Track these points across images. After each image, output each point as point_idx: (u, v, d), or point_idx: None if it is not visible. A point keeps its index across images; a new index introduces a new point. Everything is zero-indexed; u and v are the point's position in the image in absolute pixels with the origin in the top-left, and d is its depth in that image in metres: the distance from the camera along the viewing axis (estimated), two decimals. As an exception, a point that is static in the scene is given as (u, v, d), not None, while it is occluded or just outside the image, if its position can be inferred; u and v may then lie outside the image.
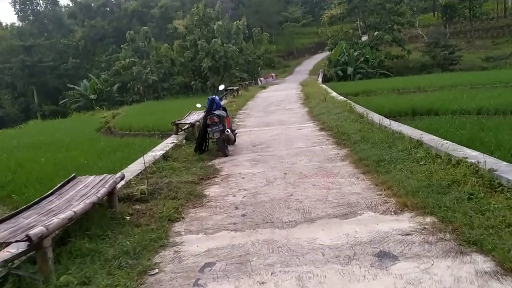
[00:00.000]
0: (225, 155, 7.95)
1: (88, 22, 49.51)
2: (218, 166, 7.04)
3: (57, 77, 50.32)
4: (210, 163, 7.26)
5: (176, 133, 10.31)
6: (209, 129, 8.14)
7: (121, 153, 9.37)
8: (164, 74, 38.52)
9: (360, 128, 8.89)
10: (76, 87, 40.82)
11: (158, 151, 7.84)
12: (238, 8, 63.01)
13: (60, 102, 43.26)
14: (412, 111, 13.01)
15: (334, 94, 17.78)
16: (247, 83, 29.47)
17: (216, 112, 8.29)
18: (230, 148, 8.45)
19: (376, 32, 42.95)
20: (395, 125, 8.34)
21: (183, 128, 10.42)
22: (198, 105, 9.71)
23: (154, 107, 25.93)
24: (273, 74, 45.78)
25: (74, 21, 54.43)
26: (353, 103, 12.92)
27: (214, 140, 8.16)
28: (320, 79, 35.54)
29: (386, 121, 9.02)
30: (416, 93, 18.03)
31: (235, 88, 20.82)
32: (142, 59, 40.63)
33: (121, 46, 40.57)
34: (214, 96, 8.99)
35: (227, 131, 8.13)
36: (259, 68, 43.58)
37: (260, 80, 39.72)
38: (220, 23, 36.73)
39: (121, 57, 40.32)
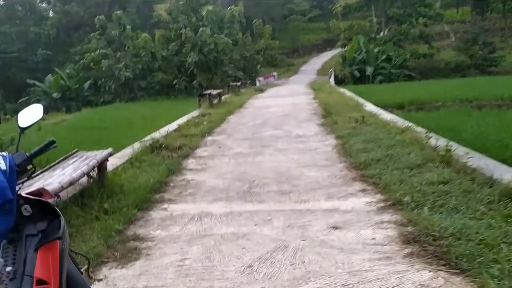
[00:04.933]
0: None
1: (60, 7, 42.49)
2: None
3: (26, 71, 43.37)
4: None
5: None
6: None
7: None
8: (142, 70, 31.57)
9: None
10: (37, 83, 33.93)
11: None
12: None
13: (19, 101, 36.32)
14: None
15: (370, 106, 10.86)
16: (238, 84, 22.39)
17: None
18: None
19: (399, 26, 35.88)
20: None
21: None
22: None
23: (111, 114, 19.02)
24: (274, 73, 38.82)
25: (47, 6, 47.32)
26: (434, 138, 5.97)
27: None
28: (332, 81, 28.59)
29: None
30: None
31: (214, 92, 13.74)
32: (117, 51, 33.67)
33: (92, 34, 33.54)
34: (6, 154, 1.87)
35: None
36: (258, 65, 36.58)
37: (259, 80, 32.76)
38: (210, 8, 29.74)
39: (92, 48, 33.35)
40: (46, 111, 22.87)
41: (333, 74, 30.84)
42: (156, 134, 7.68)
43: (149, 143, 7.19)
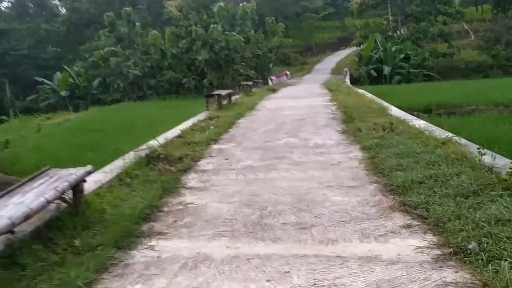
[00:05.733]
0: None
1: (71, 4, 41.92)
2: None
3: (36, 68, 42.93)
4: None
5: None
6: None
7: None
8: (151, 68, 30.69)
9: None
10: (45, 80, 33.33)
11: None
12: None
13: (28, 98, 35.82)
14: None
15: (396, 111, 9.77)
16: (250, 83, 21.30)
17: None
18: None
19: (418, 24, 34.45)
20: None
21: None
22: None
23: (116, 114, 18.18)
24: (287, 72, 37.68)
25: (59, 3, 46.84)
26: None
27: None
28: (348, 81, 27.41)
29: None
30: None
31: (223, 93, 12.70)
32: (127, 49, 32.88)
33: (100, 31, 32.79)
34: None
35: None
36: (271, 64, 35.49)
37: (271, 79, 31.66)
38: (221, 4, 28.73)
39: (100, 46, 32.61)
40: (53, 109, 22.19)
41: (348, 73, 29.60)
42: (155, 142, 6.71)
43: (145, 153, 6.24)
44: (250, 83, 21.89)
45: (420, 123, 7.62)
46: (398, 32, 36.79)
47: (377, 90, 18.47)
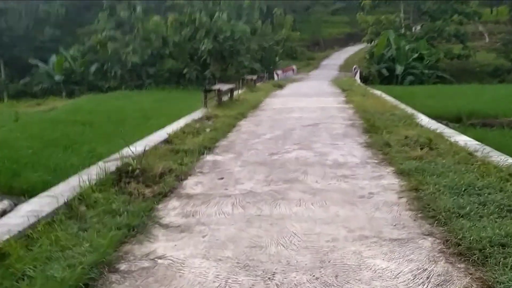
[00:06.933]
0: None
1: (70, -15, 40.32)
2: None
3: (33, 50, 41.28)
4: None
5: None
6: None
7: None
8: (151, 55, 29.15)
9: None
10: (39, 63, 31.81)
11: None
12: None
13: (21, 81, 34.32)
14: None
15: (424, 119, 8.31)
16: (254, 78, 19.70)
17: None
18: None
19: (433, 23, 32.80)
20: None
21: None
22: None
23: (107, 104, 16.73)
24: (294, 67, 36.10)
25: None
26: None
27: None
28: (358, 79, 25.90)
29: None
30: None
31: (224, 88, 11.09)
32: (127, 35, 31.33)
33: (100, 14, 31.17)
34: None
35: None
36: (277, 57, 33.91)
37: (277, 74, 30.11)
38: (228, -9, 27.17)
39: (99, 30, 31.03)
40: (47, 94, 20.49)
41: (358, 71, 28.06)
42: (130, 151, 5.27)
43: (116, 166, 4.81)
44: (254, 77, 20.31)
45: (463, 139, 6.16)
46: (412, 30, 35.08)
47: (391, 91, 16.94)
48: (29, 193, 5.84)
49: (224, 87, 11.63)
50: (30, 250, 3.00)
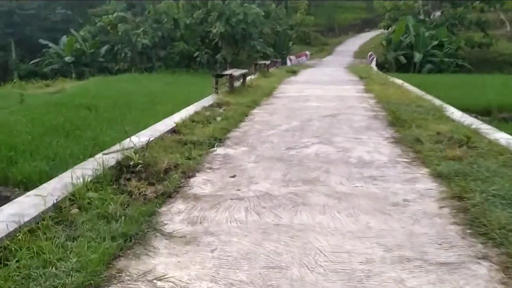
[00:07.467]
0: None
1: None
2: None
3: (44, 31, 40.85)
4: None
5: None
6: None
7: None
8: (162, 38, 28.50)
9: None
10: (50, 44, 31.35)
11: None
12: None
13: (31, 62, 33.93)
14: None
15: (456, 112, 7.64)
16: (267, 63, 18.94)
17: None
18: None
19: (454, 9, 31.55)
20: None
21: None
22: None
23: (115, 87, 16.24)
24: (307, 52, 35.17)
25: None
26: None
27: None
28: (374, 66, 25.02)
29: None
30: None
31: (236, 73, 10.42)
32: (138, 16, 30.68)
33: (110, -6, 30.51)
34: None
35: None
36: (290, 42, 33.01)
37: (290, 59, 29.30)
38: (242, -28, 26.29)
39: (111, 10, 30.39)
40: (57, 75, 19.94)
41: (375, 59, 27.13)
42: (132, 143, 4.75)
43: (116, 160, 4.30)
44: (268, 62, 19.58)
45: (504, 136, 5.52)
46: (431, 16, 33.83)
47: (410, 79, 16.13)
48: (25, 184, 5.43)
49: (237, 72, 10.99)
50: (6, 265, 2.50)
